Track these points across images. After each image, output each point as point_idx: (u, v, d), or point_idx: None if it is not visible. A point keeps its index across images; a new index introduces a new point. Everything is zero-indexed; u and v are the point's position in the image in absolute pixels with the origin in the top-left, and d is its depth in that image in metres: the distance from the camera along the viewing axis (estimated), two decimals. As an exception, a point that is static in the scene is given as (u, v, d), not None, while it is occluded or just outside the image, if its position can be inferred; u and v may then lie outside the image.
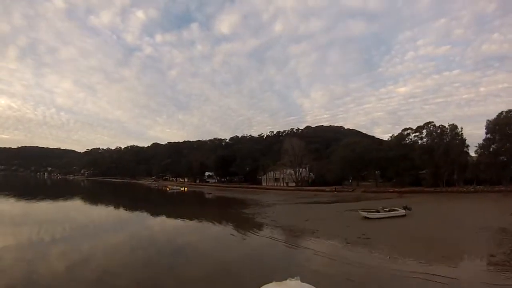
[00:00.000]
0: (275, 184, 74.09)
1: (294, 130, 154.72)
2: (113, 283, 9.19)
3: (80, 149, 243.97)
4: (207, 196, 53.40)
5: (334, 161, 62.76)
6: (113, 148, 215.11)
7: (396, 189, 50.02)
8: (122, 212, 31.04)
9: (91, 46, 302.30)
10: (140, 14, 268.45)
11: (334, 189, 56.87)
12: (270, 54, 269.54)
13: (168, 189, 66.80)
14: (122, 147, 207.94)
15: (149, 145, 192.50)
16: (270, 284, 1.89)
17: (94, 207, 36.15)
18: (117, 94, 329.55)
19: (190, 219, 25.00)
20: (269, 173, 76.46)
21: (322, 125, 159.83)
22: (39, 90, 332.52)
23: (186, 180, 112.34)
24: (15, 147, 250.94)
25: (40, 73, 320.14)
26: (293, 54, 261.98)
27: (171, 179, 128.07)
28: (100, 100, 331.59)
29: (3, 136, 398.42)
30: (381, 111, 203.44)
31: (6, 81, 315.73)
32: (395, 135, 61.18)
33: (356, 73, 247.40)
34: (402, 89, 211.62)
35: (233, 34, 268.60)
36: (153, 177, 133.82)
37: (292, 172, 67.80)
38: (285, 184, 70.24)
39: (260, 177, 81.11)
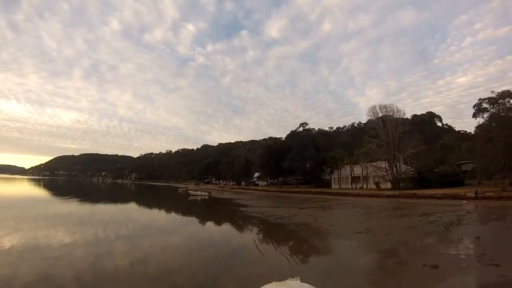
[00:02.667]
0: (352, 186, 48.18)
1: (356, 124, 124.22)
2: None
3: (138, 155, 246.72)
4: (240, 204, 30.58)
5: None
6: (164, 152, 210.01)
7: None
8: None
9: (147, 61, 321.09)
10: (190, 27, 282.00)
11: (475, 195, 29.36)
12: (321, 54, 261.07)
13: (189, 195, 45.41)
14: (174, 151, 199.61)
15: (199, 147, 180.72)
16: (270, 284, 1.86)
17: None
18: (174, 103, 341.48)
19: None
20: (341, 169, 50.70)
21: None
22: (103, 104, 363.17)
23: (226, 182, 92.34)
24: (77, 154, 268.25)
25: (103, 89, 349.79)
26: (344, 53, 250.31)
27: (213, 182, 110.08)
28: (158, 109, 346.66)
29: (72, 146, 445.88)
30: (440, 105, 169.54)
31: (74, 97, 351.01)
32: None
33: (410, 66, 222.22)
34: (461, 80, 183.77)
35: (283, 37, 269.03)
36: (194, 180, 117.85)
37: (384, 165, 41.24)
38: (372, 185, 43.84)
39: (327, 176, 55.59)
